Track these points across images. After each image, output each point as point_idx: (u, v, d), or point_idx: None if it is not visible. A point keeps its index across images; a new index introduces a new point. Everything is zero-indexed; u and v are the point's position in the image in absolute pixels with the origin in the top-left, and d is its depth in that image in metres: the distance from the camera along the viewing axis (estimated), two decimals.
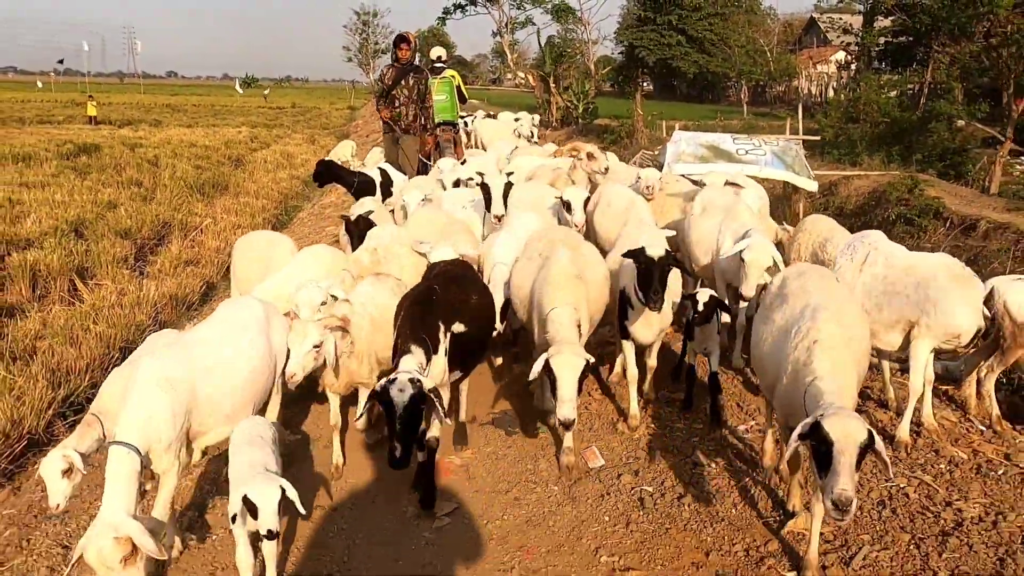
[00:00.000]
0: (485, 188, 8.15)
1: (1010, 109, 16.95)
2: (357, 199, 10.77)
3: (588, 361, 5.14)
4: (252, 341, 5.33)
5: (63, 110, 53.46)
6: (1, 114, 47.23)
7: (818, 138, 18.39)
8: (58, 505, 4.67)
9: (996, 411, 5.98)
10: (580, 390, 5.14)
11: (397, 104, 12.15)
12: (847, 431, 3.55)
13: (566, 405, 5.03)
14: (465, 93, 14.15)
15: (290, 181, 22.99)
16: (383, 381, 4.74)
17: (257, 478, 4.30)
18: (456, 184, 9.71)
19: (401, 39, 12.24)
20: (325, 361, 5.56)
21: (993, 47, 17.24)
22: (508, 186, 8.09)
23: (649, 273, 5.72)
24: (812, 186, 13.67)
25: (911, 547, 4.70)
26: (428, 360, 5.16)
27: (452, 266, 6.44)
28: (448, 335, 5.45)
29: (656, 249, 5.80)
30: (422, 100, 12.16)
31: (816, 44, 59.89)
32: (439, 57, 13.58)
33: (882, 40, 38.18)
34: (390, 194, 11.11)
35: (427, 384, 4.76)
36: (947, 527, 4.84)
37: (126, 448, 4.26)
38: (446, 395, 5.59)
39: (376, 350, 5.96)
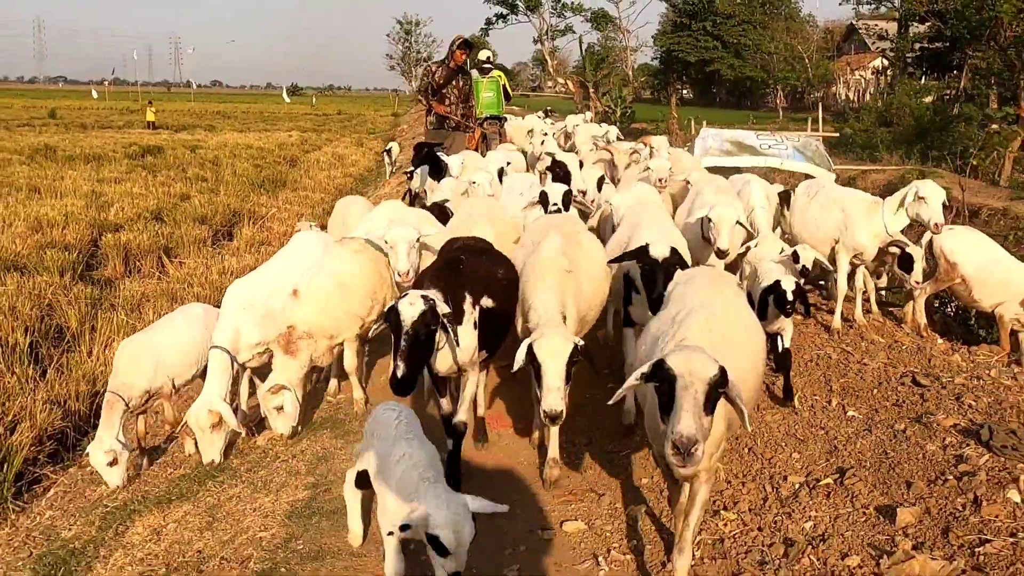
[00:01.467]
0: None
1: (1018, 108, 18.17)
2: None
3: (576, 344, 4.62)
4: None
5: (120, 116, 56.16)
6: (64, 120, 49.99)
7: (836, 135, 19.70)
8: (118, 486, 5.71)
9: (924, 322, 7.83)
10: (569, 377, 4.60)
11: (448, 102, 12.81)
12: (692, 366, 3.19)
13: (552, 394, 4.48)
14: (510, 92, 15.70)
15: (343, 179, 24.79)
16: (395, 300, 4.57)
17: (440, 497, 3.46)
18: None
19: (466, 43, 12.68)
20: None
21: (1003, 49, 18.47)
22: (568, 193, 7.66)
23: (653, 274, 5.45)
24: (830, 178, 14.94)
25: (823, 382, 6.52)
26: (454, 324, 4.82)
27: (473, 240, 6.07)
28: (477, 308, 5.15)
29: (661, 248, 5.50)
30: (466, 100, 13.02)
31: (854, 51, 60.70)
32: (487, 58, 15.10)
33: (917, 46, 39.17)
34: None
35: (442, 307, 4.54)
36: (851, 372, 6.66)
37: (220, 351, 5.93)
38: (474, 378, 5.32)
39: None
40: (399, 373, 4.27)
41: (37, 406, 7.44)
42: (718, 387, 3.22)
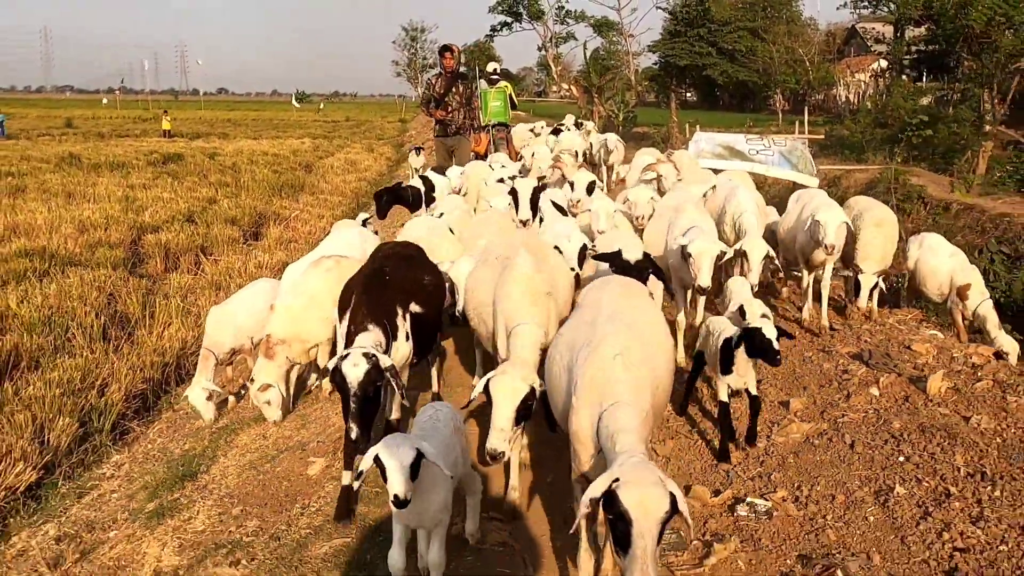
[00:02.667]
0: (513, 192, 8.05)
1: (993, 109, 19.58)
2: (413, 211, 11.51)
3: (534, 388, 4.54)
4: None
5: (134, 125, 57.87)
6: (79, 130, 51.66)
7: (822, 136, 21.12)
8: (211, 420, 7.09)
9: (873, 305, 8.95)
10: (526, 418, 4.58)
11: (450, 109, 13.31)
12: (647, 508, 3.10)
13: (495, 434, 4.45)
14: (516, 101, 17.18)
15: (358, 183, 26.29)
16: (336, 358, 4.69)
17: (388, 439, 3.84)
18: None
19: (446, 48, 13.43)
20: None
21: (976, 55, 19.89)
22: (537, 190, 7.99)
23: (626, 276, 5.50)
24: (813, 183, 16.24)
25: (793, 358, 7.51)
26: (388, 343, 5.04)
27: (400, 247, 6.33)
28: (408, 317, 5.35)
29: (633, 253, 5.78)
30: (468, 104, 13.60)
31: (854, 53, 62.04)
32: (494, 70, 16.60)
33: (914, 49, 40.51)
34: (432, 200, 11.40)
35: (384, 360, 4.64)
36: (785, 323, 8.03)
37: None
38: (405, 377, 5.43)
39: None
40: (353, 435, 4.51)
41: (121, 372, 8.93)
42: (670, 518, 3.15)
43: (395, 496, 3.55)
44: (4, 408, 7.68)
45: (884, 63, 48.03)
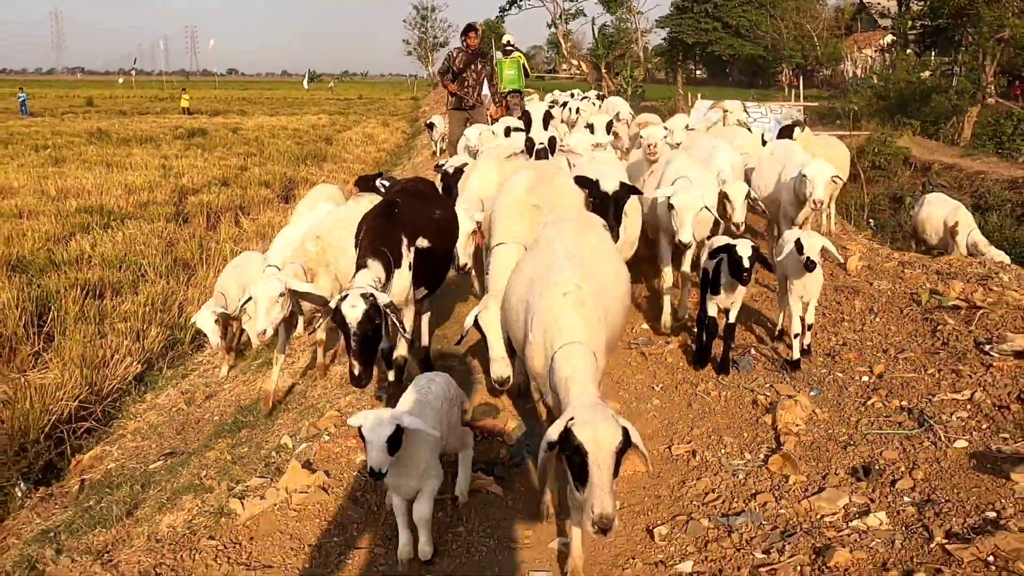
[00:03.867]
0: (526, 115, 7.97)
1: (995, 79, 20.96)
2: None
3: None
4: None
5: (151, 104, 59.50)
6: (100, 108, 53.36)
7: (816, 104, 22.54)
8: (217, 344, 7.57)
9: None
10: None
11: (466, 85, 13.74)
12: (600, 440, 3.23)
13: (495, 364, 4.92)
14: (529, 70, 18.64)
15: (377, 153, 27.86)
16: (336, 298, 4.81)
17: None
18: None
19: (470, 28, 13.91)
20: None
21: (964, 27, 21.26)
22: (548, 114, 7.91)
23: (604, 206, 5.85)
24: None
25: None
26: (389, 275, 5.21)
27: (413, 182, 6.54)
28: (412, 250, 5.51)
29: (610, 183, 5.91)
30: (489, 80, 14.22)
31: (860, 29, 63.12)
32: (508, 42, 18.05)
33: (918, 24, 41.65)
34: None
35: (382, 299, 4.78)
36: None
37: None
38: (409, 314, 5.66)
39: None
40: (355, 371, 4.66)
41: (193, 298, 10.56)
42: (624, 451, 3.27)
43: (371, 469, 3.70)
44: (107, 320, 9.31)
45: (891, 38, 49.25)
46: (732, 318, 6.12)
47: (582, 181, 6.02)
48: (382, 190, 8.42)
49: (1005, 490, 3.89)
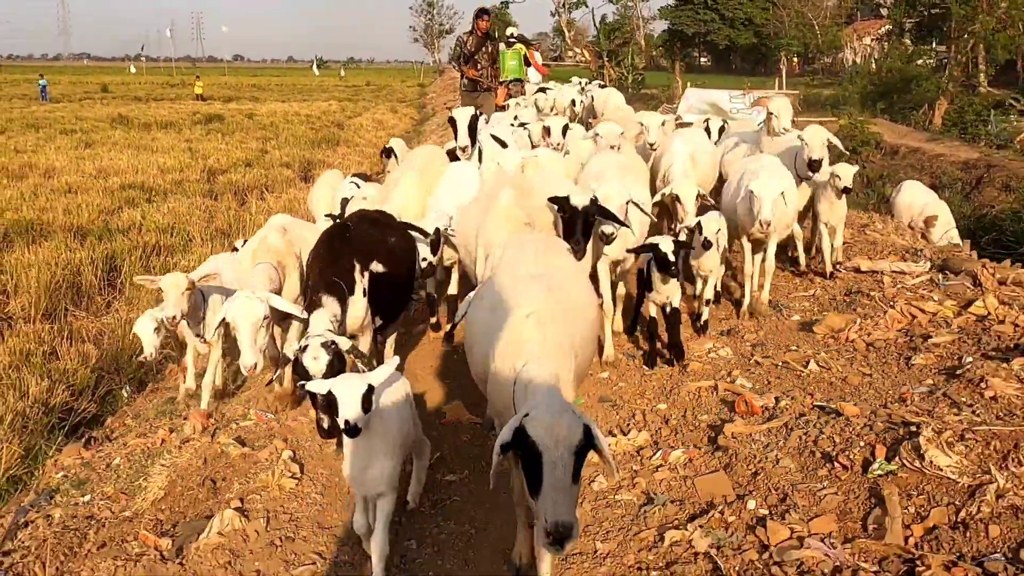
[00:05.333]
0: (452, 121, 8.32)
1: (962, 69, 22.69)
2: None
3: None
4: None
5: (164, 90, 61.33)
6: (115, 94, 55.23)
7: (797, 92, 24.27)
8: (150, 354, 6.66)
9: None
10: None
11: (480, 67, 14.33)
12: (557, 436, 2.93)
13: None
14: (531, 60, 20.42)
15: (388, 138, 29.58)
16: (296, 348, 4.64)
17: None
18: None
19: (483, 11, 14.23)
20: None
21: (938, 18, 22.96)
22: (474, 119, 8.28)
23: (572, 222, 5.76)
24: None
25: None
26: (343, 305, 5.10)
27: (367, 211, 6.44)
28: (366, 275, 5.40)
29: (580, 198, 5.80)
30: (494, 62, 14.62)
31: (860, 17, 64.61)
32: (511, 34, 19.81)
33: (915, 12, 43.12)
34: None
35: (343, 344, 4.65)
36: None
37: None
38: (366, 344, 5.53)
39: None
40: (324, 424, 4.42)
41: None
42: (586, 451, 3.02)
43: (346, 422, 3.64)
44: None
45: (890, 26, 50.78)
46: (676, 303, 6.26)
47: (553, 199, 5.96)
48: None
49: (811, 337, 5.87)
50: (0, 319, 10.02)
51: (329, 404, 3.85)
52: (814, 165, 7.43)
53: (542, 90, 17.30)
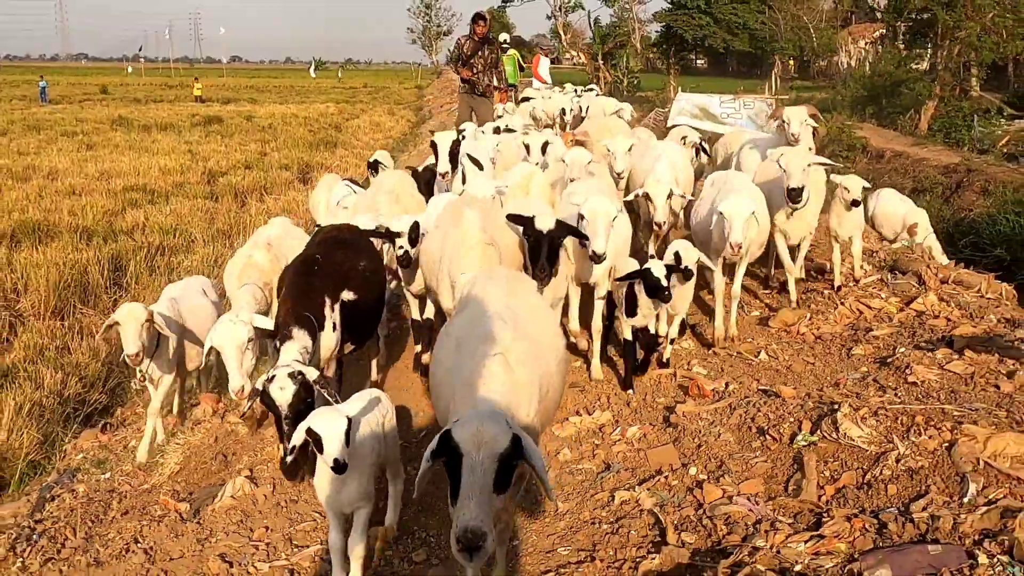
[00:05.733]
0: (433, 145, 8.20)
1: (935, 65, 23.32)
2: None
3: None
4: None
5: (163, 92, 61.98)
6: (114, 96, 55.88)
7: (787, 96, 24.91)
8: (138, 354, 5.78)
9: None
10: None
11: (476, 71, 14.47)
12: (479, 440, 2.89)
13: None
14: (524, 65, 21.07)
15: (385, 140, 30.23)
16: (264, 378, 4.69)
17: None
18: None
19: (479, 16, 14.43)
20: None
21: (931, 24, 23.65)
22: (456, 144, 8.17)
23: (538, 245, 5.65)
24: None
25: None
26: (314, 338, 5.14)
27: (337, 231, 6.30)
28: (336, 307, 5.43)
29: (546, 221, 5.69)
30: (495, 67, 14.69)
31: (854, 20, 65.34)
32: (505, 40, 20.45)
33: (909, 16, 43.79)
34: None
35: (311, 374, 4.70)
36: None
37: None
38: (331, 369, 5.57)
39: None
40: (289, 459, 4.26)
41: None
42: (511, 460, 2.94)
43: (335, 461, 3.73)
44: (173, 272, 11.78)
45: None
46: (653, 329, 6.30)
47: (516, 218, 5.83)
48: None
49: (766, 331, 6.38)
50: (13, 316, 10.64)
51: (306, 443, 3.89)
52: (793, 195, 6.82)
53: (526, 99, 17.67)
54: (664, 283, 5.72)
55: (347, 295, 5.53)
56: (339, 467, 3.75)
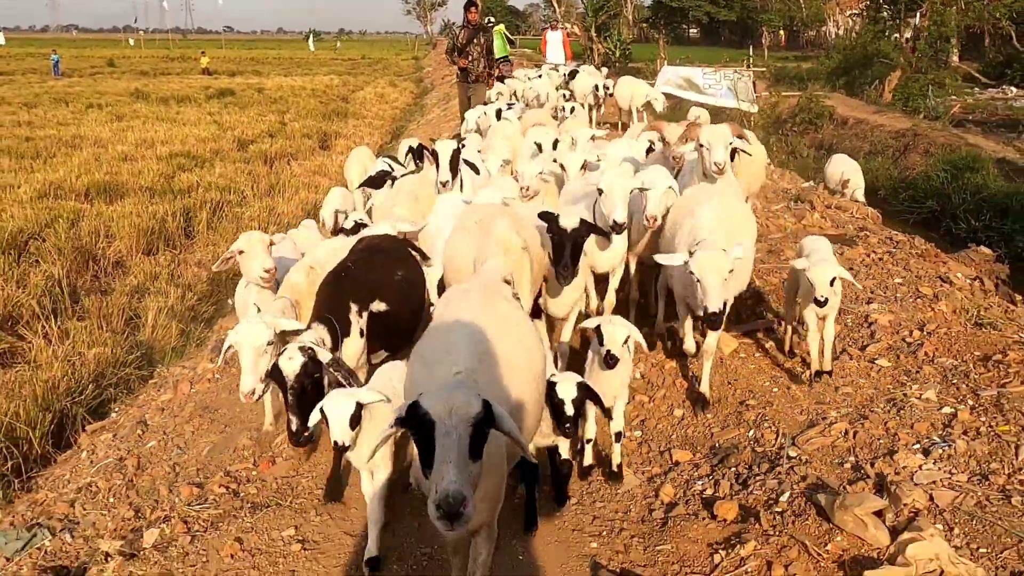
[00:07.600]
0: (434, 153, 8.12)
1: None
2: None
3: None
4: None
5: (167, 64, 64.16)
6: (120, 68, 58.12)
7: (763, 69, 27.45)
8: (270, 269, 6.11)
9: None
10: None
11: (471, 58, 15.31)
12: (449, 406, 2.91)
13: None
14: (511, 37, 23.33)
15: (392, 111, 32.82)
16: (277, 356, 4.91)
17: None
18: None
19: (471, 3, 15.11)
20: None
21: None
22: (456, 152, 8.11)
23: (561, 244, 5.74)
24: (753, 109, 22.15)
25: None
26: (336, 340, 5.31)
27: (378, 240, 6.33)
28: (365, 315, 5.57)
29: (570, 220, 5.76)
30: (489, 53, 15.70)
31: None
32: (489, 20, 22.40)
33: None
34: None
35: (323, 355, 4.84)
36: None
37: None
38: (361, 377, 5.56)
39: None
40: (293, 427, 4.66)
41: (287, 213, 15.57)
42: (484, 426, 2.96)
43: (335, 442, 4.19)
44: (240, 221, 14.39)
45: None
46: (565, 452, 5.22)
47: (542, 216, 5.91)
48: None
49: None
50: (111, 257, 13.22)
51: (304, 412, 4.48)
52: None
53: (574, 73, 19.55)
54: (570, 411, 4.62)
55: (377, 305, 5.65)
56: (339, 448, 4.30)
